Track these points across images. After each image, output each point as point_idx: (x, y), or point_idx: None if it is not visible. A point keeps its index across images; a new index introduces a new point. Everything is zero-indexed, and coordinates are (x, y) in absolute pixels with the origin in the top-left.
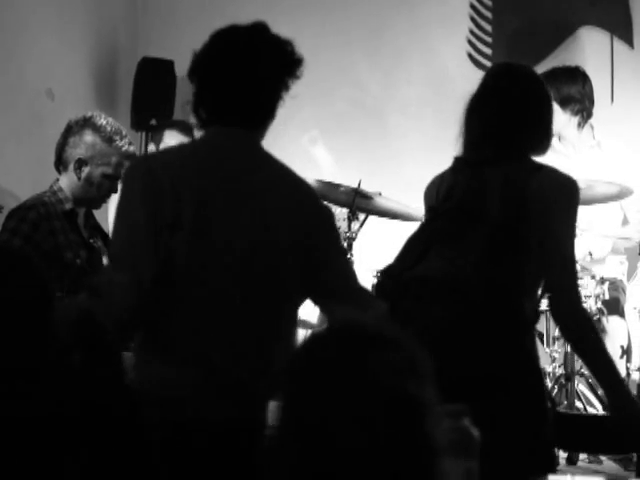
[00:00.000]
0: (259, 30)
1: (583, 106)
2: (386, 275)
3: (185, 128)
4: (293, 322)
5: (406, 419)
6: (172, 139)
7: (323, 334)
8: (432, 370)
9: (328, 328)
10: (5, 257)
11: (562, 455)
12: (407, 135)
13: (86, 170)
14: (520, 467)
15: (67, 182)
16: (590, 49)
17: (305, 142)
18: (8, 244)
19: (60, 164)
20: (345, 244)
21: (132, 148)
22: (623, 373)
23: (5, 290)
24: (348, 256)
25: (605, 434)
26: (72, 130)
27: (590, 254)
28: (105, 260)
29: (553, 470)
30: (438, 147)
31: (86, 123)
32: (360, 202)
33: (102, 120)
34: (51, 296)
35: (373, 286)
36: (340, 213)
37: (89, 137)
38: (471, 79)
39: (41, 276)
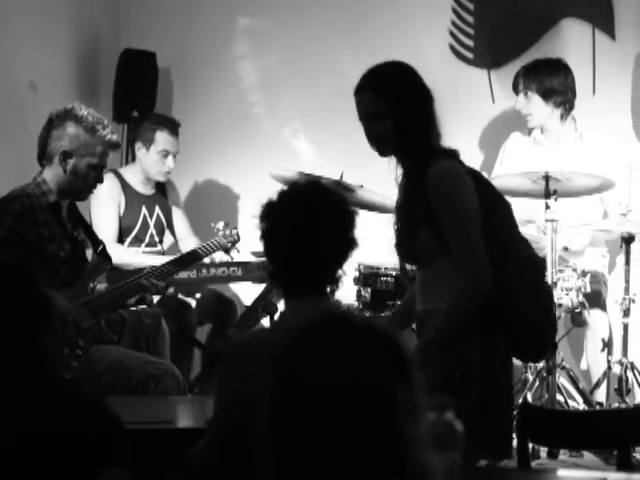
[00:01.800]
0: (316, 196)
1: (565, 98)
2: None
3: (174, 130)
4: None
5: (375, 410)
6: (163, 142)
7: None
8: (413, 360)
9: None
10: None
11: (543, 449)
12: None
13: (71, 162)
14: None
15: (52, 175)
16: (572, 41)
17: (287, 134)
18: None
19: (44, 158)
20: None
21: (115, 137)
22: (604, 366)
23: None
24: None
25: (586, 429)
26: (54, 123)
27: (565, 248)
28: (88, 253)
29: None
30: None
31: (67, 115)
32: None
33: (83, 111)
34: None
35: (355, 279)
36: None
37: (72, 129)
38: (453, 71)
39: (41, 293)
